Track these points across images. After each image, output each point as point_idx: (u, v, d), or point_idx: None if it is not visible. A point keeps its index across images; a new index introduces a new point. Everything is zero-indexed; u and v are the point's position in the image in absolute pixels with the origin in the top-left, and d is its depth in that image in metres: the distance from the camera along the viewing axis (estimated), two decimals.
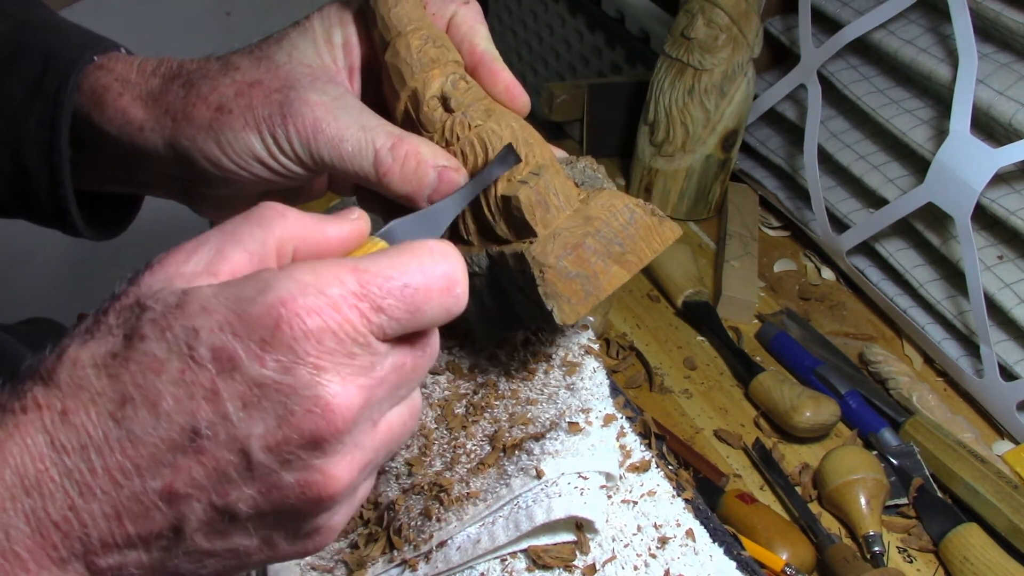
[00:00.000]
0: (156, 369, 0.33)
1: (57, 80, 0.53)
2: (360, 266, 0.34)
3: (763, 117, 1.04)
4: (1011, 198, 0.78)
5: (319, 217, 0.38)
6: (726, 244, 0.94)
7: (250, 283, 0.33)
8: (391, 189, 0.50)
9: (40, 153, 0.54)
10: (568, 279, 0.49)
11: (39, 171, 0.54)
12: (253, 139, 0.50)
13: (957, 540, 0.66)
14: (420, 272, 0.35)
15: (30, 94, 0.53)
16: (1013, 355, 0.78)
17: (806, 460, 0.74)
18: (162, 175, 0.55)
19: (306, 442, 0.33)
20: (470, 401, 0.55)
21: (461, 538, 0.49)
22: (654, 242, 0.51)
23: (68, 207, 0.55)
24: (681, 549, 0.49)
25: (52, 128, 0.53)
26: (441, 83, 0.52)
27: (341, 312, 0.33)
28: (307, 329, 0.33)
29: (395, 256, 0.35)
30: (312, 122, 0.50)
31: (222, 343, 0.33)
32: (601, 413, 0.53)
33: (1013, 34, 0.79)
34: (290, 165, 0.51)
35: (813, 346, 0.84)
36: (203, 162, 0.52)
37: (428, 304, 0.36)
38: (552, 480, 0.48)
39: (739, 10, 0.91)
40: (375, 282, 0.34)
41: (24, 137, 0.53)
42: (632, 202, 0.51)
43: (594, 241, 0.49)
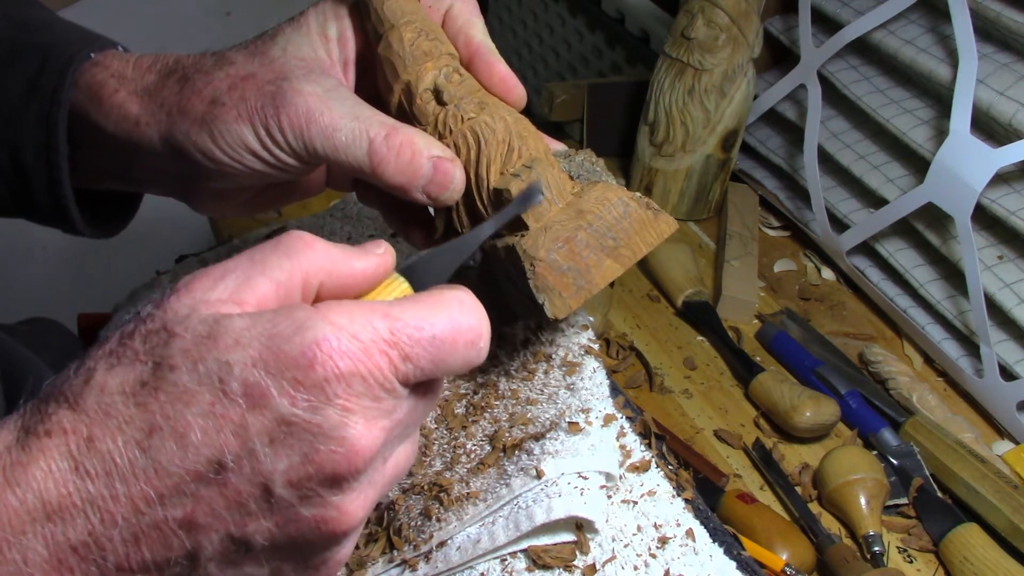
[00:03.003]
0: (186, 400, 0.33)
1: (54, 78, 0.53)
2: (393, 313, 0.35)
3: (763, 117, 1.04)
4: (1011, 198, 0.78)
5: (346, 249, 0.38)
6: (726, 244, 0.94)
7: (285, 320, 0.34)
8: (386, 179, 0.50)
9: (38, 151, 0.54)
10: (559, 272, 0.49)
11: (37, 169, 0.54)
12: (246, 130, 0.50)
13: (957, 540, 0.66)
14: (449, 325, 0.36)
15: (27, 92, 0.53)
16: (1013, 355, 0.78)
17: (806, 460, 0.74)
18: (159, 171, 0.55)
19: (327, 479, 0.34)
20: (470, 401, 0.55)
21: (461, 538, 0.49)
22: (649, 236, 0.51)
23: (67, 205, 0.55)
24: (681, 549, 0.49)
25: (49, 126, 0.53)
26: (434, 76, 0.53)
27: (372, 358, 0.34)
28: (339, 372, 0.33)
29: (426, 306, 0.36)
30: (305, 112, 0.50)
31: (255, 379, 0.33)
32: (601, 413, 0.53)
33: (1013, 34, 0.79)
34: (283, 156, 0.51)
35: (813, 346, 0.84)
36: (197, 155, 0.52)
37: (452, 357, 0.36)
38: (552, 480, 0.48)
39: (739, 10, 0.91)
40: (406, 331, 0.35)
41: (22, 136, 0.54)
42: (626, 195, 0.51)
43: (586, 235, 0.49)
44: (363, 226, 0.74)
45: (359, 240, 0.72)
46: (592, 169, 0.55)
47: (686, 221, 1.02)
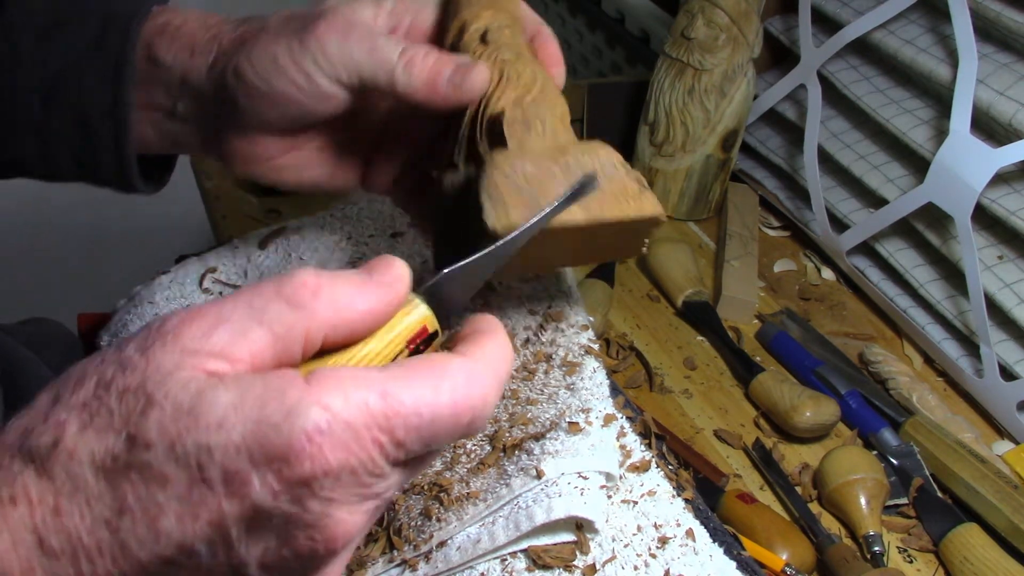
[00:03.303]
0: (160, 482, 0.31)
1: (119, 37, 0.54)
2: (391, 392, 0.32)
3: (763, 117, 1.04)
4: (1011, 198, 0.78)
5: (352, 286, 0.35)
6: (726, 244, 0.94)
7: (275, 401, 0.31)
8: (413, 78, 0.51)
9: (103, 109, 0.55)
10: (515, 188, 0.47)
11: (103, 127, 0.55)
12: (279, 48, 0.52)
13: (957, 540, 0.66)
14: (450, 404, 0.33)
15: (91, 53, 0.54)
16: (1013, 355, 0.78)
17: (806, 460, 0.74)
18: (199, 113, 0.56)
19: (305, 561, 0.33)
20: None
21: (461, 538, 0.49)
22: (625, 206, 0.48)
23: (130, 161, 0.56)
24: (681, 549, 0.49)
25: (117, 84, 0.54)
26: (488, 22, 0.54)
27: (364, 448, 0.32)
28: (329, 467, 0.31)
29: (429, 383, 0.33)
30: (341, 26, 0.51)
31: (236, 467, 0.31)
32: (601, 413, 0.53)
33: (1013, 34, 0.79)
34: (312, 71, 0.51)
35: (813, 346, 0.84)
36: (231, 79, 0.53)
37: (450, 434, 0.34)
38: (552, 480, 0.48)
39: (739, 10, 0.91)
40: (403, 415, 0.32)
41: (86, 95, 0.54)
42: (619, 160, 0.49)
43: (560, 172, 0.47)
44: (363, 226, 0.74)
45: (359, 240, 0.72)
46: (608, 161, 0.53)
47: (686, 221, 1.02)
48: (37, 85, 0.55)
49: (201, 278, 0.70)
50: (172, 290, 0.70)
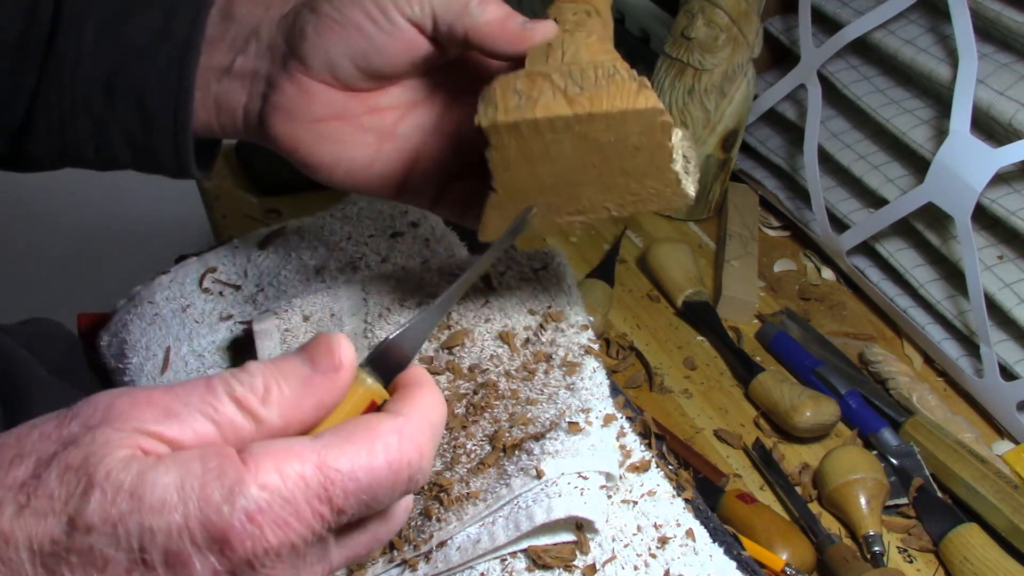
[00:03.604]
0: (100, 566, 0.31)
1: (186, 26, 0.54)
2: (327, 462, 0.33)
3: (763, 117, 1.04)
4: (1011, 198, 0.78)
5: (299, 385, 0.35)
6: (726, 244, 0.94)
7: (214, 482, 0.31)
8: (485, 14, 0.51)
9: (164, 94, 0.55)
10: (510, 92, 0.48)
11: (162, 112, 0.55)
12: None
13: (957, 540, 0.66)
14: (385, 465, 0.34)
15: (156, 40, 0.54)
16: (1013, 355, 0.78)
17: (806, 460, 0.74)
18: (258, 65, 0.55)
19: None
20: (470, 401, 0.55)
21: (461, 538, 0.49)
22: (617, 98, 0.47)
23: (188, 146, 0.56)
24: (681, 549, 0.49)
25: (182, 69, 0.54)
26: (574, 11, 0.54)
27: (304, 521, 0.32)
28: (269, 546, 0.32)
29: (363, 447, 0.34)
30: None
31: (177, 548, 0.31)
32: (601, 413, 0.53)
33: (1013, 34, 0.79)
34: (388, 5, 0.52)
35: (813, 346, 0.84)
36: (305, 15, 0.53)
37: (388, 495, 0.35)
38: (552, 480, 0.48)
39: (739, 10, 0.91)
40: (340, 483, 0.33)
41: (148, 80, 0.55)
42: (621, 64, 0.48)
43: (558, 76, 0.47)
44: (363, 226, 0.74)
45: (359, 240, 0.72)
46: None
47: (686, 221, 1.02)
48: (99, 76, 0.55)
49: (201, 278, 0.70)
50: (172, 290, 0.70)
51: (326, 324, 0.62)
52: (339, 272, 0.68)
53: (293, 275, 0.69)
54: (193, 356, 0.65)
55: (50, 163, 0.60)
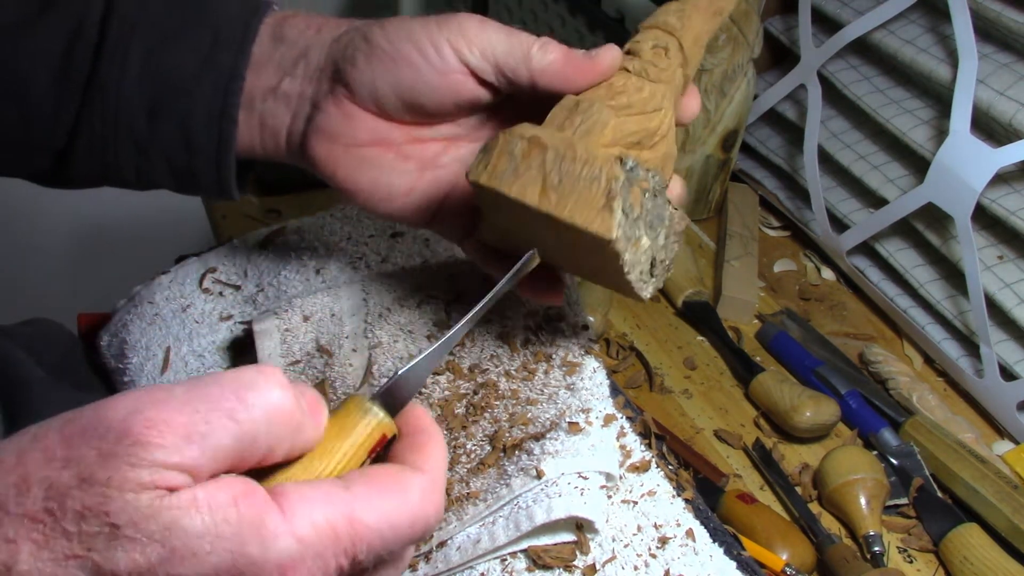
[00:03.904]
0: None
1: (232, 53, 0.54)
2: (357, 516, 0.33)
3: (763, 117, 1.04)
4: (1011, 198, 0.78)
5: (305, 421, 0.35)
6: (726, 244, 0.94)
7: (252, 534, 0.31)
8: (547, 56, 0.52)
9: (210, 120, 0.55)
10: (505, 154, 0.48)
11: (207, 138, 0.55)
12: (416, 23, 0.52)
13: (957, 540, 0.66)
14: (408, 519, 0.35)
15: (201, 65, 0.54)
16: (1013, 355, 0.78)
17: (806, 460, 0.74)
18: (304, 86, 0.55)
19: None
20: (470, 401, 0.55)
21: (461, 538, 0.49)
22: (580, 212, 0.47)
23: (229, 171, 0.57)
24: (681, 549, 0.49)
25: (227, 96, 0.54)
26: (652, 41, 0.54)
27: (327, 570, 0.33)
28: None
29: (391, 500, 0.35)
30: (479, 19, 0.53)
31: None
32: (601, 413, 0.53)
33: (1013, 34, 0.79)
34: (443, 45, 0.52)
35: (813, 346, 0.84)
36: (358, 42, 0.53)
37: (401, 546, 0.36)
38: (552, 480, 0.48)
39: (739, 10, 0.90)
40: (367, 538, 0.34)
41: (194, 106, 0.55)
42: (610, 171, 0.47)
43: (552, 156, 0.48)
44: (363, 226, 0.74)
45: (359, 240, 0.72)
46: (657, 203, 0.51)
47: None
48: (142, 101, 0.55)
49: (201, 278, 0.70)
50: (172, 290, 0.70)
51: (326, 324, 0.62)
52: (339, 272, 0.68)
53: (293, 275, 0.69)
54: (193, 356, 0.65)
55: (90, 182, 0.60)
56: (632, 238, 0.48)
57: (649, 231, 0.50)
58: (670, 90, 0.54)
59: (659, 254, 0.51)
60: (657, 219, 0.50)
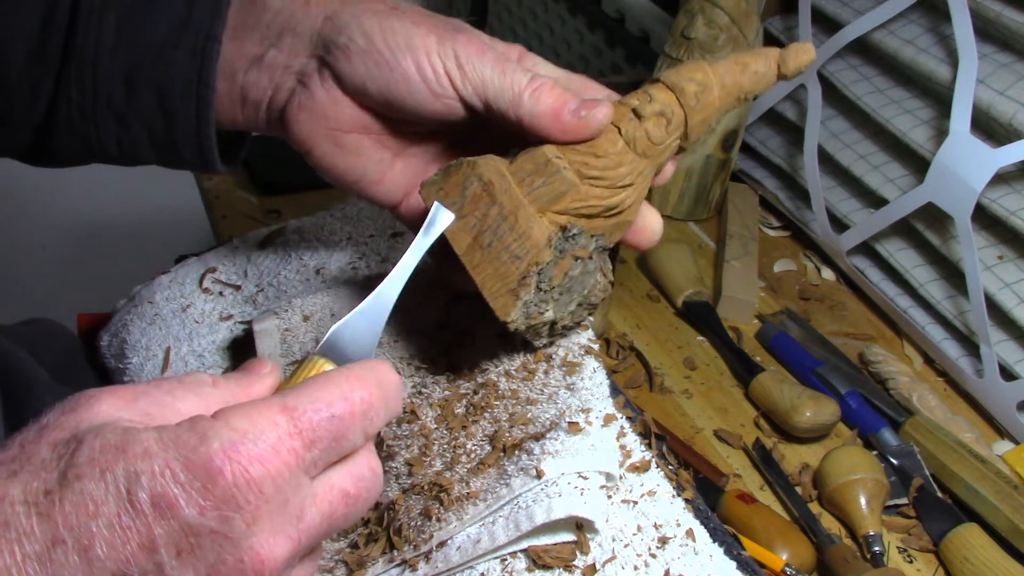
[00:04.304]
0: (91, 511, 0.32)
1: (207, 15, 0.54)
2: (289, 403, 0.36)
3: (763, 117, 1.04)
4: (1011, 198, 0.78)
5: (241, 381, 0.40)
6: (726, 244, 0.94)
7: (190, 431, 0.34)
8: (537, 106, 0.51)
9: (187, 87, 0.55)
10: (458, 189, 0.49)
11: (185, 106, 0.55)
12: (418, 33, 0.52)
13: (957, 540, 0.66)
14: (343, 400, 0.37)
15: (176, 31, 0.54)
16: (1013, 355, 0.78)
17: (806, 460, 0.74)
18: (291, 60, 0.55)
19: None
20: (470, 401, 0.55)
21: (461, 538, 0.49)
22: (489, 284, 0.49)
23: (210, 140, 0.56)
24: (681, 549, 0.49)
25: (204, 60, 0.54)
26: (663, 103, 0.52)
27: (280, 456, 0.34)
28: (249, 478, 0.33)
29: (318, 386, 0.37)
30: (479, 43, 0.52)
31: (162, 488, 0.32)
32: (601, 413, 0.53)
33: (1013, 34, 0.79)
34: (439, 69, 0.52)
35: (813, 346, 0.84)
36: (356, 36, 0.52)
37: (352, 430, 0.37)
38: (552, 480, 0.48)
39: (739, 10, 0.91)
40: (305, 416, 0.36)
41: (170, 73, 0.54)
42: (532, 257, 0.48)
43: (495, 214, 0.48)
44: (363, 226, 0.74)
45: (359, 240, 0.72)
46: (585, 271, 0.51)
47: (686, 221, 1.02)
48: (119, 70, 0.55)
49: (201, 278, 0.70)
50: (172, 290, 0.70)
51: (326, 324, 0.62)
52: (339, 272, 0.68)
53: (293, 275, 0.69)
54: (193, 356, 0.65)
55: (75, 158, 0.60)
56: (533, 313, 0.50)
57: (563, 298, 0.50)
58: (652, 165, 0.52)
59: (563, 320, 0.52)
60: (578, 286, 0.51)
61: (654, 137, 0.52)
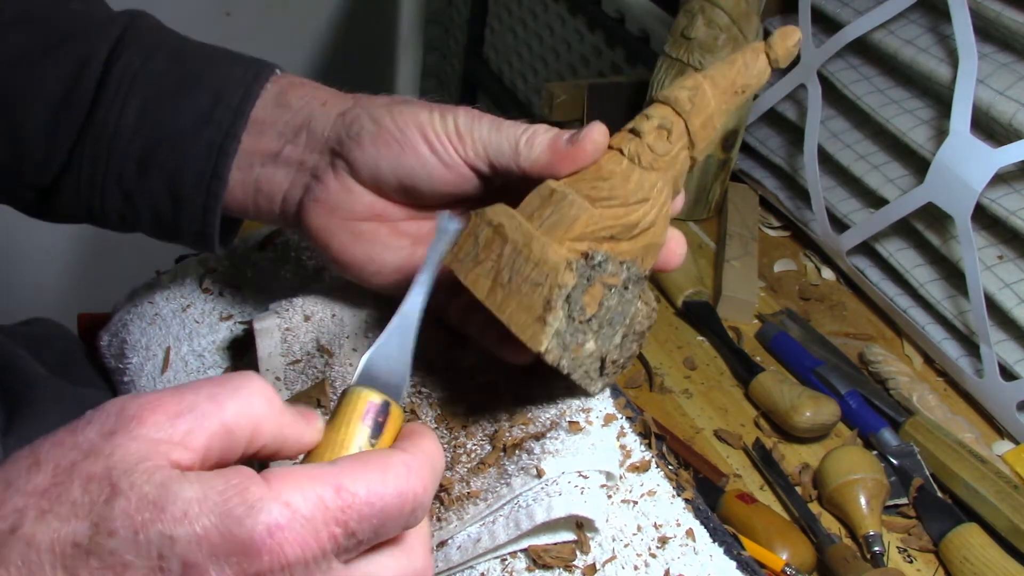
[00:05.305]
0: (118, 572, 0.32)
1: (229, 114, 0.55)
2: (345, 486, 0.35)
3: (763, 117, 1.04)
4: (1011, 198, 0.78)
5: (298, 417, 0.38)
6: (726, 244, 0.94)
7: (237, 496, 0.33)
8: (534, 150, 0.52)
9: (199, 178, 0.55)
10: (471, 238, 0.49)
11: (193, 195, 0.56)
12: (422, 111, 0.53)
13: (957, 540, 0.66)
14: (397, 495, 0.36)
15: (199, 124, 0.55)
16: (1013, 355, 0.78)
17: (806, 460, 0.74)
18: (305, 156, 0.56)
19: None
20: (470, 400, 0.55)
21: (461, 538, 0.49)
22: (516, 317, 0.47)
23: (212, 230, 0.57)
24: (681, 549, 0.49)
25: (220, 156, 0.55)
26: (659, 118, 0.52)
27: (320, 541, 0.34)
28: (286, 562, 0.33)
29: (376, 474, 0.36)
30: (474, 113, 0.53)
31: (196, 559, 0.32)
32: (602, 413, 0.53)
33: (1013, 34, 0.79)
34: (444, 140, 0.53)
35: (813, 346, 0.84)
36: (365, 122, 0.54)
37: (394, 525, 0.37)
38: (552, 479, 0.48)
39: (739, 10, 0.91)
40: (355, 507, 0.35)
41: (185, 163, 0.55)
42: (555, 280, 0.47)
43: (509, 251, 0.48)
44: None
45: None
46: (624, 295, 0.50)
47: (686, 221, 1.02)
48: (134, 151, 0.55)
49: (201, 278, 0.70)
50: (172, 290, 0.70)
51: (327, 324, 0.62)
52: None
53: (293, 275, 0.69)
54: (193, 356, 0.65)
55: (73, 219, 0.60)
56: (571, 344, 0.48)
57: (604, 331, 0.49)
58: (665, 178, 0.52)
59: (611, 354, 0.50)
60: (618, 316, 0.49)
61: (657, 149, 0.51)
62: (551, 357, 0.47)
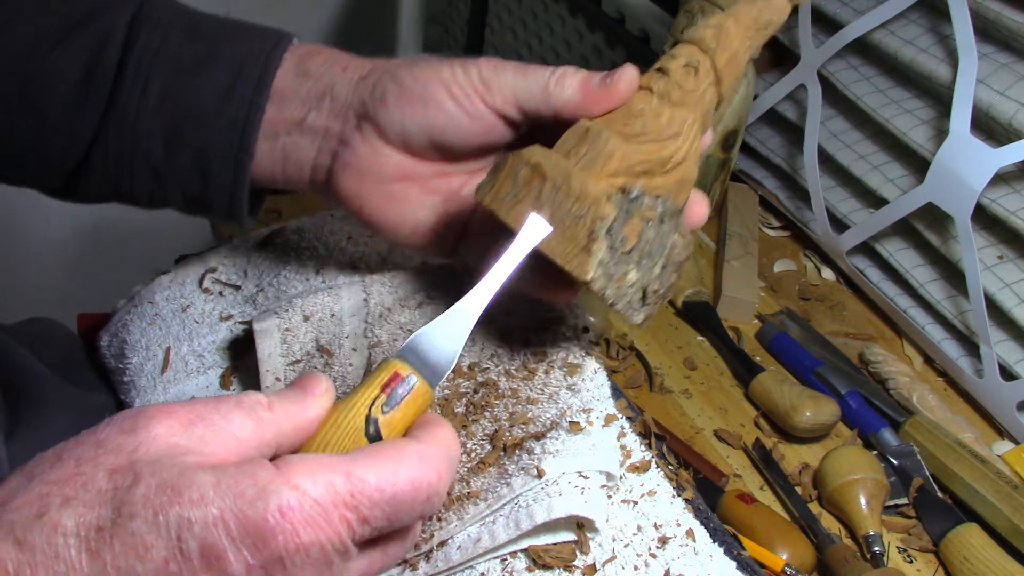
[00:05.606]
0: (140, 554, 0.33)
1: (251, 86, 0.55)
2: (355, 472, 0.36)
3: (763, 117, 1.04)
4: (1011, 198, 0.78)
5: (296, 400, 0.40)
6: (726, 244, 0.94)
7: (249, 481, 0.34)
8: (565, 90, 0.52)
9: (225, 153, 0.56)
10: (509, 179, 0.49)
11: (222, 170, 0.56)
12: (443, 65, 0.53)
13: (957, 540, 0.66)
14: (409, 483, 0.37)
15: (221, 99, 0.55)
16: (1013, 355, 0.78)
17: (806, 460, 0.74)
18: (331, 122, 0.56)
19: None
20: (470, 400, 0.55)
21: (462, 537, 0.49)
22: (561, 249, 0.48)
23: (242, 203, 0.58)
24: (681, 549, 0.49)
25: (245, 129, 0.55)
26: (686, 56, 0.53)
27: (332, 525, 0.35)
28: (300, 543, 0.34)
29: (389, 463, 0.37)
30: (496, 61, 0.53)
31: (213, 540, 0.33)
32: (602, 413, 0.53)
33: (1013, 34, 0.79)
34: (468, 89, 0.53)
35: (813, 346, 0.84)
36: (387, 84, 0.54)
37: (408, 513, 0.37)
38: (553, 479, 0.48)
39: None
40: (367, 493, 0.36)
41: (211, 139, 0.55)
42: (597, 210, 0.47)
43: (550, 187, 0.48)
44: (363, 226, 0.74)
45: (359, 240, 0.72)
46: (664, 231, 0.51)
47: None
48: (160, 131, 0.56)
49: (201, 278, 0.70)
50: (172, 290, 0.70)
51: (326, 324, 0.62)
52: (339, 272, 0.68)
53: (293, 275, 0.69)
54: (193, 356, 0.65)
55: (99, 200, 0.61)
56: (615, 275, 0.49)
57: (644, 262, 0.50)
58: (694, 114, 0.53)
59: (652, 284, 0.51)
60: (658, 248, 0.50)
61: (686, 85, 0.53)
62: (597, 286, 0.48)
